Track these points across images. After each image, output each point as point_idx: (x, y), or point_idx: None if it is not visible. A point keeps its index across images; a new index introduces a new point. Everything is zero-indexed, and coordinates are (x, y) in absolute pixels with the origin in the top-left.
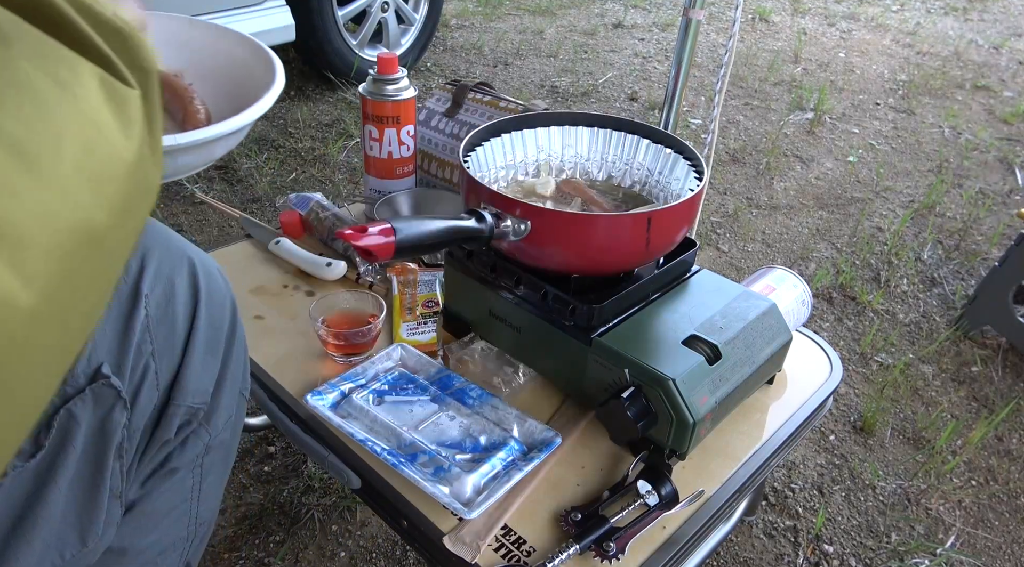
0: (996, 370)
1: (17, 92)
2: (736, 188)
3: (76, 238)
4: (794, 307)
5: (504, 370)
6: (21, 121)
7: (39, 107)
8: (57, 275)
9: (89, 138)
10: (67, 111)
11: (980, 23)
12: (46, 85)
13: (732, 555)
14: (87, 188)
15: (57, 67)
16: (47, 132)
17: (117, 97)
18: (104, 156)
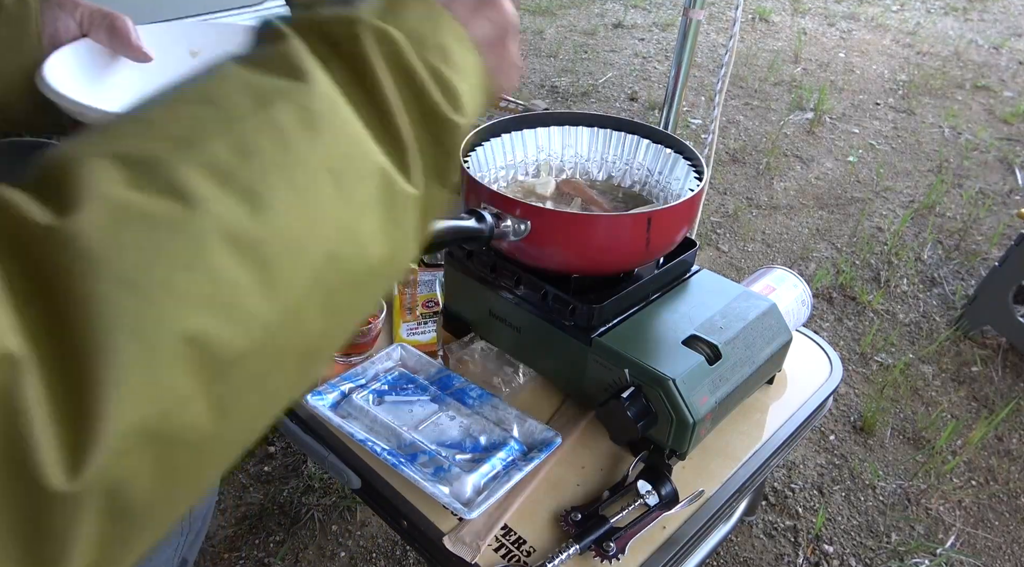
0: (996, 370)
1: (296, 191)
2: (736, 188)
3: (288, 357)
4: (794, 307)
5: (504, 370)
6: (283, 223)
7: (307, 207)
8: (253, 393)
9: (338, 247)
10: (331, 211)
11: (980, 23)
12: (323, 185)
13: (732, 555)
14: (315, 304)
15: (345, 168)
16: (302, 237)
17: (392, 198)
18: (347, 266)
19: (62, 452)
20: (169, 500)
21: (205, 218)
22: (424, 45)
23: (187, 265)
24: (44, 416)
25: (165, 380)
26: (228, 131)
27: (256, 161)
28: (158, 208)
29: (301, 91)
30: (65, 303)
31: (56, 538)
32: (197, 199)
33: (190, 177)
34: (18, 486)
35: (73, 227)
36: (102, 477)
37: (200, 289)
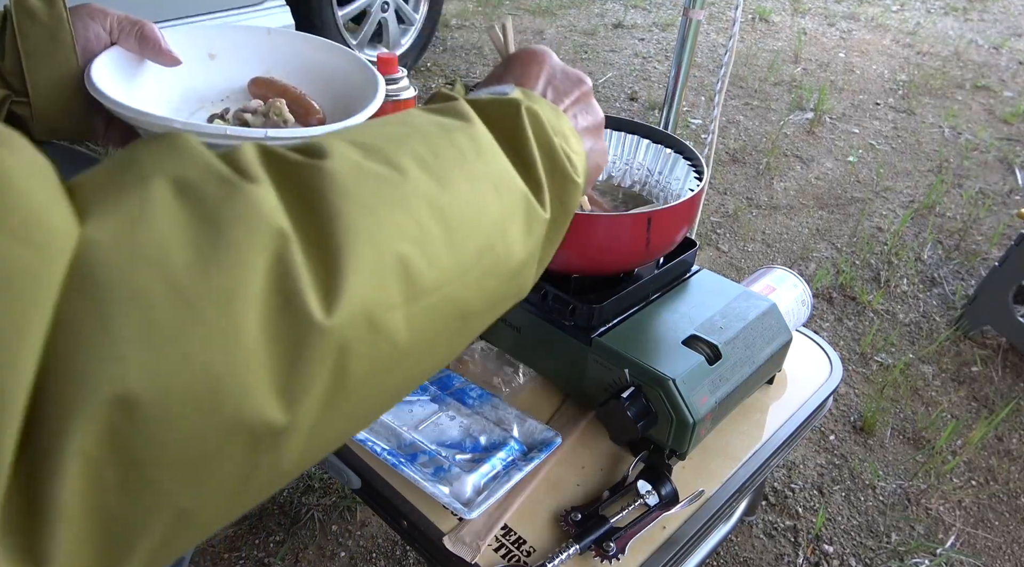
0: (996, 370)
1: (471, 185)
2: (736, 188)
3: (453, 310)
4: (794, 307)
5: (504, 370)
6: (462, 203)
7: (477, 199)
8: (429, 329)
9: (494, 238)
10: (492, 209)
11: (980, 23)
12: (487, 189)
13: (732, 555)
14: (475, 274)
15: (499, 181)
16: (473, 218)
17: (531, 215)
18: (498, 255)
19: (319, 299)
20: (366, 391)
21: (412, 184)
22: (554, 128)
23: (401, 209)
24: (306, 274)
25: (383, 281)
26: (423, 141)
27: (443, 160)
28: (381, 171)
29: (471, 128)
30: (319, 211)
31: (305, 369)
32: (407, 172)
33: (401, 159)
34: (288, 316)
35: (326, 165)
36: (340, 330)
37: (409, 228)
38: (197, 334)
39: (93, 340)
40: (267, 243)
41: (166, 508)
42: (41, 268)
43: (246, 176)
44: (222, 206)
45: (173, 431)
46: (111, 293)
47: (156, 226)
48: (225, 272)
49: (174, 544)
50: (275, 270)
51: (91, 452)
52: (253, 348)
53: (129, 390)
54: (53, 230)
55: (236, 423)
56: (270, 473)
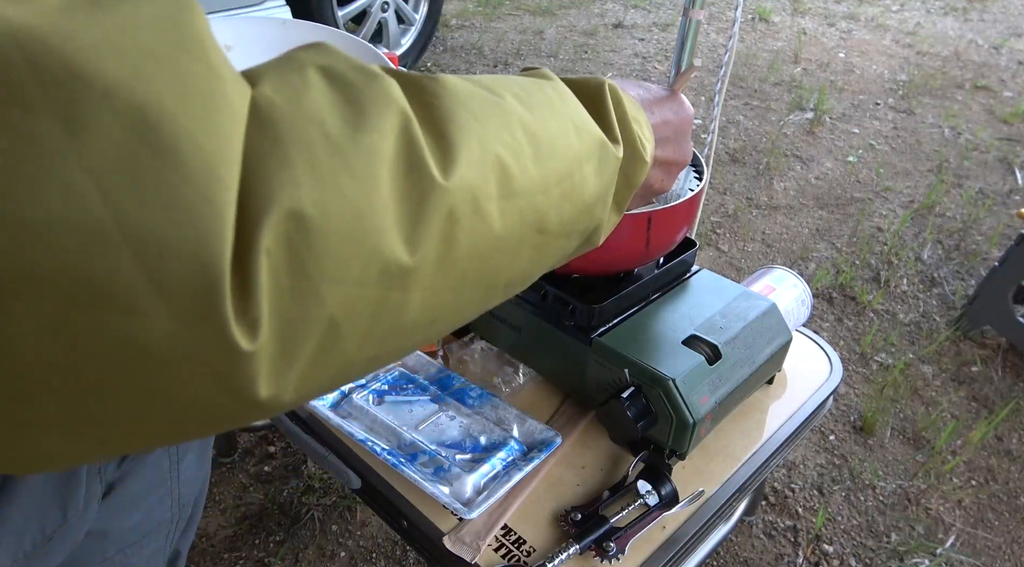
0: (996, 370)
1: (557, 121)
2: (736, 188)
3: (535, 219)
4: (794, 307)
5: (504, 370)
6: (549, 132)
7: (561, 133)
8: (516, 229)
9: (573, 167)
10: (572, 144)
11: (980, 23)
12: (570, 128)
13: (732, 555)
14: (556, 193)
15: (581, 120)
16: (557, 146)
17: (605, 158)
18: (575, 183)
19: (438, 165)
20: (466, 266)
21: (509, 106)
22: (632, 114)
23: (500, 121)
24: (427, 146)
25: (484, 172)
26: (516, 84)
27: (533, 98)
28: (484, 94)
29: (557, 84)
30: (436, 108)
31: (426, 222)
32: (506, 98)
33: (501, 91)
34: (413, 176)
35: (441, 80)
36: (453, 193)
37: (506, 138)
38: (348, 177)
39: (275, 167)
40: (397, 119)
41: (323, 316)
42: (233, 100)
43: (372, 73)
44: (363, 88)
45: (331, 248)
46: (285, 135)
47: (314, 96)
48: (366, 135)
49: (324, 362)
50: (403, 138)
51: (273, 251)
52: (386, 197)
53: (302, 206)
54: (234, 79)
55: (373, 253)
56: (395, 315)
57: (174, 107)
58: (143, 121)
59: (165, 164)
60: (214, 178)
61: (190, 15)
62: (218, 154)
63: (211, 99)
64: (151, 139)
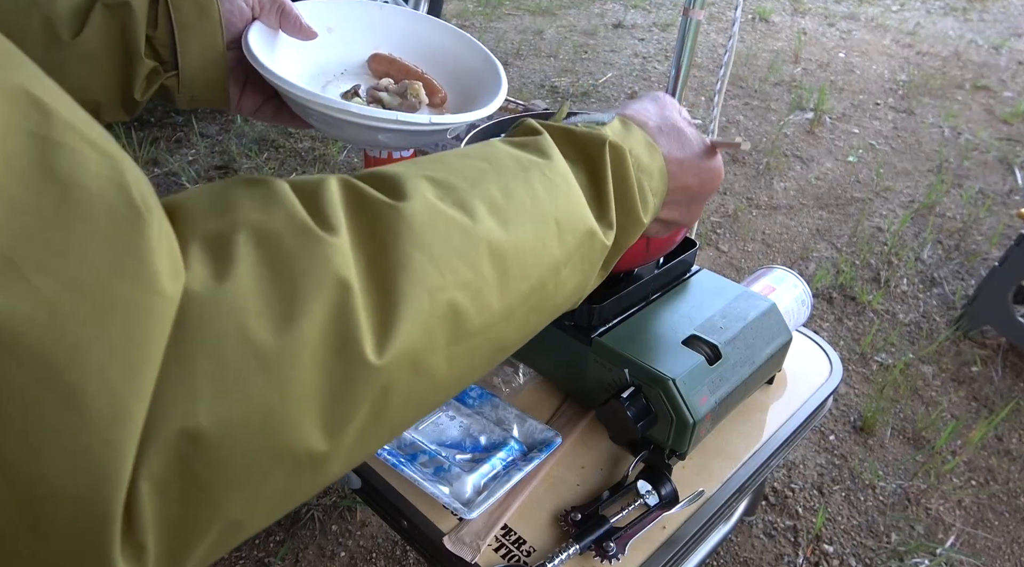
0: (996, 370)
1: (536, 227)
2: (736, 188)
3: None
4: (794, 307)
5: (504, 370)
6: (524, 247)
7: (539, 242)
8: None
9: (547, 277)
10: (552, 250)
11: (980, 23)
12: (551, 231)
13: (732, 555)
14: (521, 313)
15: (568, 223)
16: (531, 261)
17: (591, 249)
18: (547, 292)
19: (372, 343)
20: (399, 420)
21: (480, 229)
22: (639, 166)
23: (465, 257)
24: (364, 320)
25: (432, 327)
26: (498, 181)
27: (514, 204)
28: (454, 215)
29: (548, 166)
30: (388, 255)
31: (350, 403)
32: (477, 216)
33: (474, 203)
34: (342, 357)
35: (405, 208)
36: (387, 372)
37: (467, 275)
38: (261, 377)
39: (175, 382)
40: (332, 294)
41: (220, 519)
42: (160, 313)
43: (325, 225)
44: (298, 258)
45: (230, 457)
46: (199, 340)
47: (240, 278)
48: (292, 326)
49: (222, 548)
50: (336, 317)
51: (160, 475)
52: (306, 387)
53: (197, 422)
54: (169, 277)
55: (284, 451)
56: (309, 489)
57: (89, 343)
58: (50, 368)
59: (68, 409)
60: (120, 418)
61: (137, 229)
62: (129, 388)
63: (135, 324)
64: (56, 385)
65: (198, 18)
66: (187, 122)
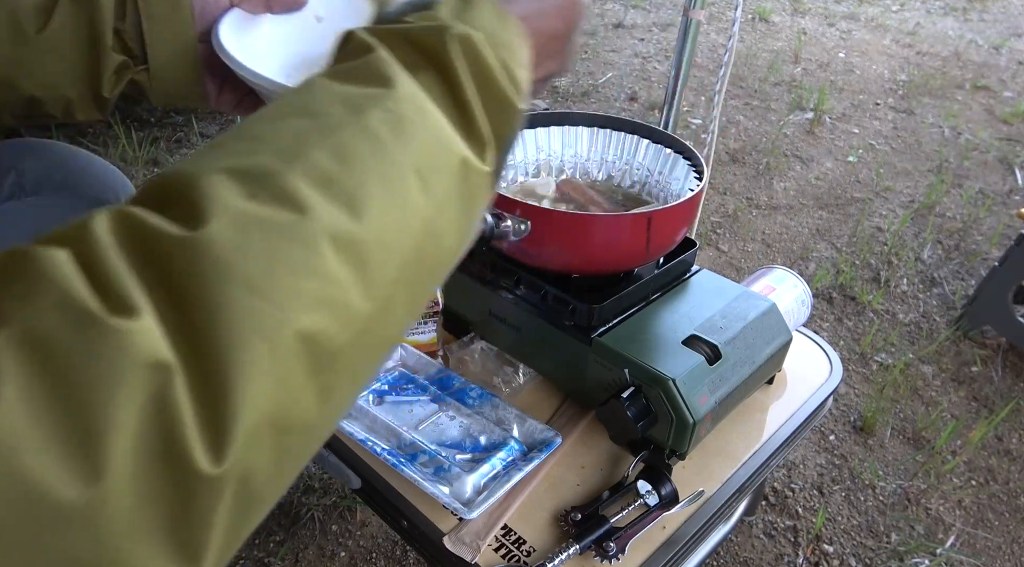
0: (996, 370)
1: (389, 189)
2: (736, 188)
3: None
4: (794, 307)
5: (504, 370)
6: (380, 222)
7: (398, 207)
8: (348, 383)
9: (422, 242)
10: (418, 208)
11: (980, 23)
12: (412, 185)
13: (732, 555)
14: (402, 298)
15: (431, 167)
16: (394, 234)
17: (469, 181)
18: (427, 256)
19: (207, 442)
20: (280, 482)
21: (314, 223)
22: (496, 43)
23: (301, 268)
24: (191, 412)
25: (284, 375)
26: (327, 141)
27: (354, 167)
28: (274, 216)
29: (389, 97)
30: (201, 308)
31: (200, 521)
32: (306, 206)
33: (298, 186)
34: (172, 472)
35: (205, 237)
36: (238, 464)
37: (312, 289)
38: (71, 540)
39: None
40: (142, 390)
41: None
42: None
43: (112, 297)
44: (85, 358)
45: None
46: None
47: (7, 415)
48: (95, 458)
49: None
50: (153, 426)
51: None
52: (136, 529)
53: None
54: None
55: None
56: None
57: None
58: None
59: None
60: None
61: None
62: None
63: None
64: None
65: (168, 9)
66: (187, 122)
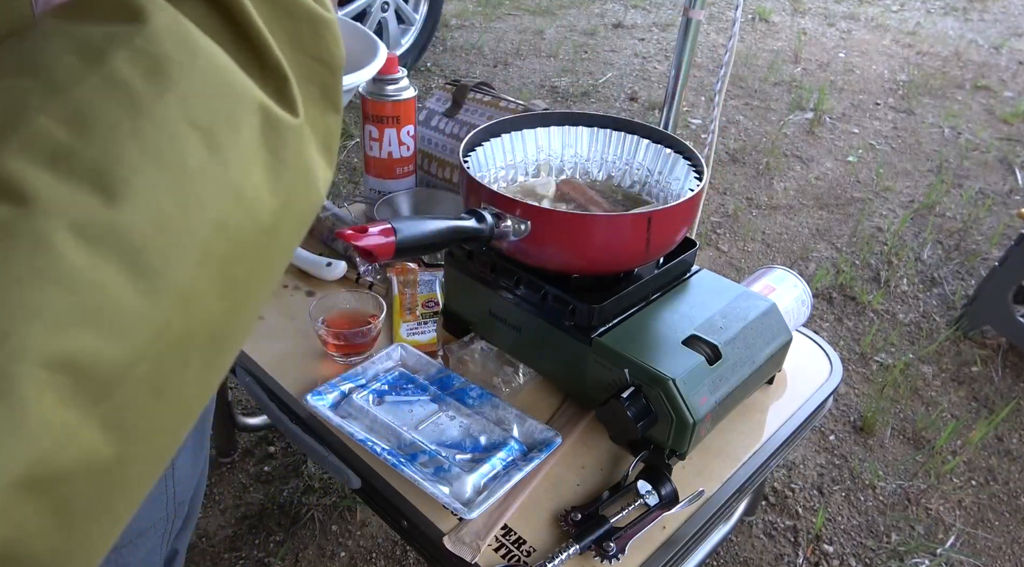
0: (996, 370)
1: (156, 155)
2: (736, 188)
3: (184, 352)
4: (794, 307)
5: (504, 370)
6: (147, 198)
7: (174, 176)
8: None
9: (225, 210)
10: (205, 172)
11: (980, 23)
12: (190, 143)
13: (732, 555)
14: (205, 281)
15: (215, 117)
16: (175, 210)
17: (275, 138)
18: (235, 229)
19: None
20: (88, 538)
21: (46, 215)
22: None
23: (34, 277)
24: None
25: (34, 419)
26: (57, 102)
27: (99, 132)
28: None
29: (141, 34)
30: None
31: None
32: (29, 194)
33: (18, 168)
34: None
35: None
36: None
37: (55, 302)
38: None
39: None
40: None
41: None
42: None
43: None
44: None
45: None
46: None
47: None
48: None
49: None
50: None
51: None
52: None
53: None
54: None
55: None
56: None
57: None
58: None
59: None
60: None
61: None
62: None
63: None
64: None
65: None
66: None
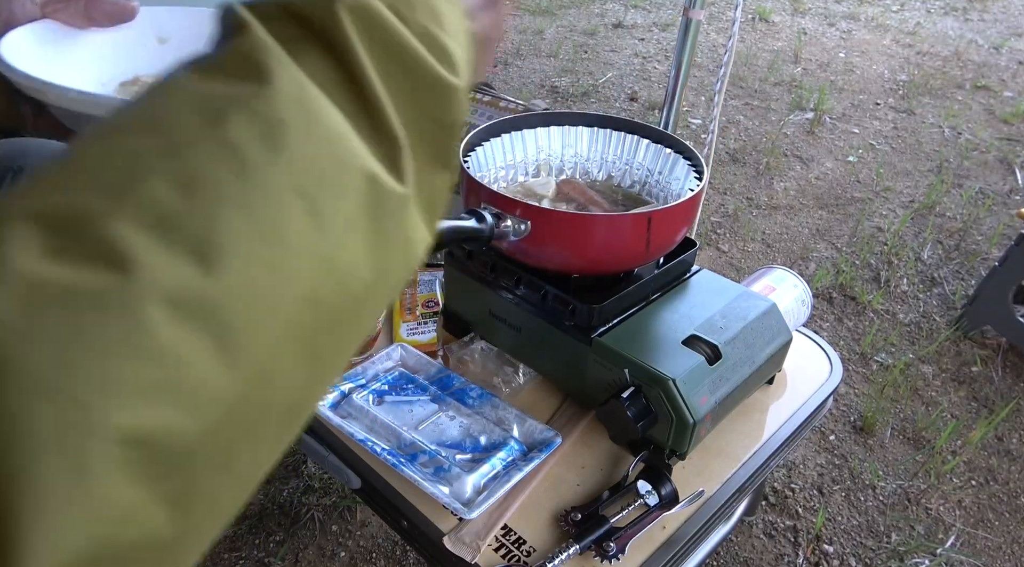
0: (996, 370)
1: (257, 222)
2: (736, 188)
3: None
4: (794, 307)
5: (504, 370)
6: (245, 269)
7: (275, 244)
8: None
9: (318, 282)
10: (304, 241)
11: (980, 23)
12: (293, 212)
13: (732, 555)
14: (288, 361)
15: (321, 185)
16: (272, 279)
17: (379, 208)
18: (325, 303)
19: None
20: None
21: (144, 284)
22: (412, 7)
23: (121, 350)
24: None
25: (104, 495)
26: (172, 164)
27: (206, 198)
28: (83, 280)
29: (261, 96)
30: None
31: None
32: (131, 262)
33: (124, 233)
34: None
35: None
36: None
37: (139, 377)
38: None
39: None
40: None
41: None
42: None
43: None
44: None
45: None
46: None
47: None
48: None
49: None
50: None
51: None
52: None
53: None
54: None
55: None
56: None
57: None
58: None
59: None
60: None
61: None
62: None
63: None
64: None
65: None
66: None
